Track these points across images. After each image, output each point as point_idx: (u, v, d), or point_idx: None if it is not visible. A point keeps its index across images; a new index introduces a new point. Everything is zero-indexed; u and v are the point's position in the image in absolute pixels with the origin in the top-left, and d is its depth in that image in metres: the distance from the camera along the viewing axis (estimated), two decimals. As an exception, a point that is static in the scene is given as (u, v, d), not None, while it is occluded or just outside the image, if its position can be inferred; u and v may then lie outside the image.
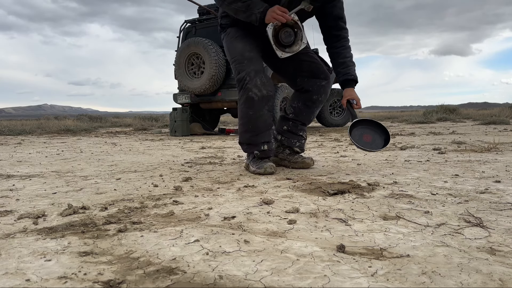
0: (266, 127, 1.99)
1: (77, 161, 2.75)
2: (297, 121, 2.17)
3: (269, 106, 1.97)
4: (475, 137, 4.15)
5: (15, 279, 0.72)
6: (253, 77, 1.90)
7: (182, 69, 5.89)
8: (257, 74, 1.91)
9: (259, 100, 1.91)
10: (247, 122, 1.98)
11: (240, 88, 1.95)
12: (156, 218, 1.14)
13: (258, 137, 1.99)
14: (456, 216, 1.11)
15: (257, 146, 2.00)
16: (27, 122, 9.64)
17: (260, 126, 1.98)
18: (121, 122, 11.22)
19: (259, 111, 1.94)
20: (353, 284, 0.68)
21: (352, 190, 1.49)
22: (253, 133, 1.99)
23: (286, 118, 2.19)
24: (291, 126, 2.18)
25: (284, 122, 2.20)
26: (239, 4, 1.85)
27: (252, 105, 1.92)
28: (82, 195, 1.50)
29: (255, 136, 1.99)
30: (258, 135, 1.99)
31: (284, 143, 2.19)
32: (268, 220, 1.10)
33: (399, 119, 11.09)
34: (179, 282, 0.70)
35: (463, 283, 0.68)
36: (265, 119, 1.97)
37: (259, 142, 1.99)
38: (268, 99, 1.94)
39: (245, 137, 2.03)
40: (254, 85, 1.90)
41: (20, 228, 1.06)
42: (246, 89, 1.91)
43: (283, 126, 2.20)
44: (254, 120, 1.96)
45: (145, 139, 5.31)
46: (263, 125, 1.98)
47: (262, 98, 1.92)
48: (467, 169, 1.97)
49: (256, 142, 2.00)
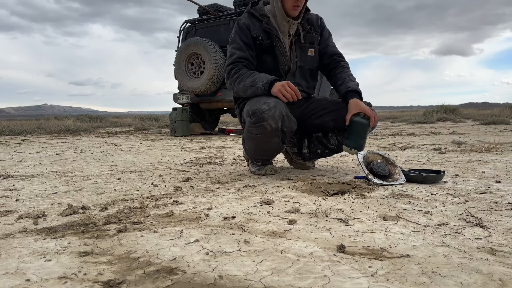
0: (272, 153, 1.92)
1: (77, 161, 2.75)
2: (334, 151, 2.02)
3: (276, 143, 1.79)
4: (475, 137, 4.15)
5: (15, 279, 0.72)
6: (272, 108, 1.70)
7: (182, 69, 5.90)
8: (278, 105, 1.71)
9: (272, 131, 1.72)
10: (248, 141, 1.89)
11: (253, 117, 1.74)
12: (156, 218, 1.14)
13: (258, 156, 1.95)
14: (456, 216, 1.11)
15: (257, 160, 1.99)
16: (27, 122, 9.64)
17: (266, 150, 1.86)
18: (121, 122, 11.22)
19: (269, 139, 1.77)
20: (353, 284, 0.68)
21: (352, 190, 1.49)
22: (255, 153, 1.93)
23: (325, 146, 2.01)
24: (324, 154, 2.05)
25: (321, 147, 2.03)
26: (247, 81, 1.83)
27: (262, 132, 1.74)
28: (82, 195, 1.50)
29: (255, 156, 1.96)
30: (257, 156, 1.95)
31: (303, 156, 2.10)
32: (268, 220, 1.10)
33: (399, 119, 11.09)
34: (179, 282, 0.70)
35: (463, 283, 0.68)
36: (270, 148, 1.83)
37: (258, 160, 1.98)
38: (281, 134, 1.76)
39: (249, 153, 1.97)
40: (272, 116, 1.69)
41: (20, 228, 1.06)
42: (261, 118, 1.70)
43: (317, 149, 2.05)
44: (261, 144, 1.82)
45: (145, 139, 5.31)
46: (268, 150, 1.87)
47: (276, 130, 1.73)
48: (467, 169, 1.97)
49: (255, 159, 1.98)
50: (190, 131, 6.12)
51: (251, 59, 1.90)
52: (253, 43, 1.89)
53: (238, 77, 1.86)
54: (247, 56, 1.89)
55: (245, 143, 1.94)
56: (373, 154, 1.77)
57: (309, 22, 1.97)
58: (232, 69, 1.89)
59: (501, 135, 4.44)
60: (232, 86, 1.90)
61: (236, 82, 1.86)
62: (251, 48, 1.90)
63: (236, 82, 1.86)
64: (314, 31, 1.98)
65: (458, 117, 9.76)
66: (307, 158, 2.13)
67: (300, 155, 2.15)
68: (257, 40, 1.89)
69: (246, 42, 1.89)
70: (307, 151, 2.09)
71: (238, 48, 1.89)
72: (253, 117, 1.74)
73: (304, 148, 2.11)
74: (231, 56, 1.91)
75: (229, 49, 1.95)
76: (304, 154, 2.12)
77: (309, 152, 2.09)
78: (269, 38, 1.89)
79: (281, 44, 1.90)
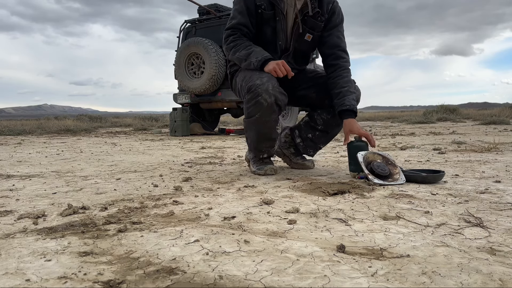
0: (270, 135, 1.91)
1: (77, 161, 2.75)
2: (324, 132, 2.08)
3: (274, 120, 1.85)
4: (475, 137, 4.15)
5: (15, 279, 0.72)
6: (265, 83, 1.77)
7: (182, 69, 5.90)
8: (270, 80, 1.78)
9: (268, 106, 1.78)
10: (249, 128, 1.92)
11: (249, 94, 1.82)
12: (156, 218, 1.14)
13: (260, 148, 1.95)
14: (456, 216, 1.11)
15: (258, 155, 1.98)
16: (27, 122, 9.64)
17: (264, 134, 1.89)
18: (121, 122, 11.22)
19: (267, 117, 1.82)
20: (353, 284, 0.68)
21: (352, 190, 1.49)
22: (256, 143, 1.94)
23: (314, 128, 2.08)
24: (316, 137, 2.09)
25: (311, 131, 2.10)
26: (242, 53, 1.86)
27: (259, 110, 1.80)
28: (82, 195, 1.50)
29: (258, 146, 1.95)
30: (259, 144, 1.94)
31: (300, 148, 2.14)
32: (268, 220, 1.10)
33: (399, 119, 11.09)
34: (179, 282, 0.70)
35: (463, 283, 0.68)
36: (271, 127, 1.87)
37: (261, 151, 1.96)
38: (277, 108, 1.82)
39: (250, 147, 2.01)
40: (265, 90, 1.76)
41: (20, 228, 1.06)
42: (256, 93, 1.77)
43: (308, 134, 2.10)
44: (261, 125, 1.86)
45: (145, 139, 5.31)
46: (267, 136, 1.90)
47: (272, 105, 1.79)
48: (467, 169, 1.97)
49: (257, 151, 1.97)
50: (190, 131, 6.12)
51: (250, 27, 1.91)
52: (255, 11, 1.89)
53: (234, 46, 1.90)
54: (246, 23, 1.90)
55: (248, 136, 1.97)
56: (373, 154, 1.77)
57: (319, 3, 1.92)
58: (230, 35, 1.93)
59: (501, 135, 4.44)
60: (228, 53, 1.95)
61: (232, 51, 1.90)
62: (252, 15, 1.90)
63: (232, 50, 1.91)
64: (320, 15, 1.92)
65: (458, 117, 9.76)
66: (303, 150, 2.14)
67: (298, 154, 2.16)
68: (259, 8, 1.88)
69: (248, 7, 1.89)
70: (300, 140, 2.12)
71: (240, 12, 1.91)
72: (249, 94, 1.81)
73: (297, 138, 2.13)
74: (231, 20, 1.94)
75: (232, 9, 1.97)
76: (299, 146, 2.14)
77: (302, 141, 2.12)
78: (273, 10, 1.88)
79: (284, 21, 1.90)
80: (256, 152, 1.99)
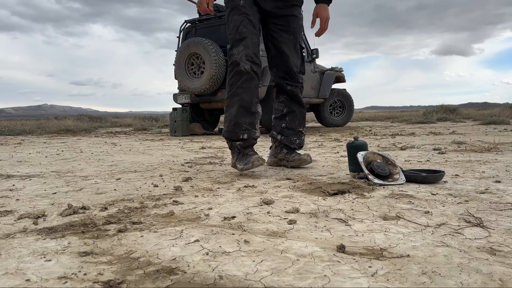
0: (250, 108, 1.92)
1: (77, 161, 2.75)
2: (291, 113, 2.13)
3: (255, 85, 1.92)
4: (475, 137, 4.15)
5: (15, 279, 0.72)
6: (241, 52, 1.87)
7: (182, 69, 5.89)
8: (245, 50, 1.87)
9: (247, 72, 1.87)
10: (230, 104, 1.95)
11: (230, 67, 1.93)
12: (156, 218, 1.14)
13: (240, 122, 1.91)
14: (456, 216, 1.11)
15: (237, 134, 1.92)
16: (27, 122, 9.64)
17: (245, 105, 1.91)
18: (121, 122, 11.22)
19: (248, 83, 1.90)
20: (353, 284, 0.68)
21: (352, 190, 1.49)
22: (236, 117, 1.92)
23: (282, 116, 2.15)
24: (289, 122, 2.14)
25: (281, 120, 2.16)
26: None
27: (240, 78, 1.88)
28: (82, 195, 1.50)
29: (238, 120, 1.91)
30: (240, 118, 1.91)
31: (284, 142, 2.15)
32: (268, 220, 1.10)
33: (399, 119, 11.09)
34: (179, 282, 0.70)
35: (463, 283, 0.68)
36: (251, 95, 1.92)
37: (241, 129, 1.91)
38: (255, 75, 1.90)
39: (228, 125, 1.96)
40: (240, 59, 1.86)
41: (20, 228, 1.06)
42: (235, 63, 1.88)
43: (281, 124, 2.16)
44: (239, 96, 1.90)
45: (145, 139, 5.31)
46: (247, 105, 1.91)
47: (249, 72, 1.88)
48: (467, 169, 1.97)
49: (237, 128, 1.92)
50: (190, 131, 6.12)
51: None
52: None
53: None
54: None
55: (228, 114, 1.96)
56: (373, 154, 1.77)
57: None
58: None
59: (501, 135, 4.44)
60: None
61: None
62: None
63: None
64: None
65: (458, 117, 9.76)
66: (287, 142, 2.14)
67: (290, 151, 2.16)
68: None
69: None
70: (280, 135, 2.16)
71: None
72: (229, 67, 1.92)
73: (277, 136, 2.17)
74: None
75: None
76: (282, 141, 2.15)
77: (281, 134, 2.15)
78: None
79: None
80: (237, 131, 1.92)
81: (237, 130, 1.92)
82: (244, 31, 1.89)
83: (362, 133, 5.61)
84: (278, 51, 2.07)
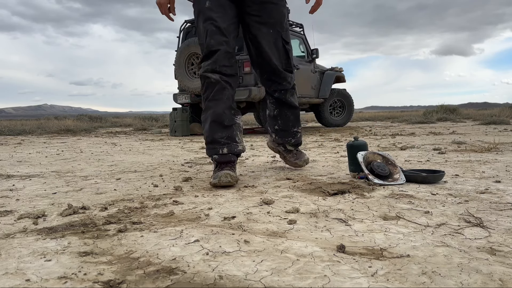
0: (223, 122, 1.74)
1: (77, 161, 2.75)
2: (282, 114, 2.04)
3: (228, 95, 1.75)
4: (475, 137, 4.15)
5: (15, 279, 0.72)
6: (210, 63, 1.73)
7: (182, 69, 5.89)
8: (211, 57, 1.74)
9: (216, 82, 1.73)
10: (204, 119, 1.79)
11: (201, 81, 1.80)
12: (156, 218, 1.14)
13: (215, 138, 1.74)
14: (456, 216, 1.11)
15: (216, 149, 1.73)
16: (27, 122, 9.64)
17: (216, 120, 1.73)
18: (121, 122, 11.22)
19: (219, 94, 1.74)
20: (353, 284, 0.68)
21: (352, 190, 1.49)
22: (211, 133, 1.75)
23: (275, 116, 2.06)
24: (283, 122, 2.06)
25: (274, 121, 2.08)
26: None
27: (211, 90, 1.74)
28: (82, 195, 1.50)
29: (214, 136, 1.74)
30: (215, 134, 1.74)
31: (279, 142, 2.11)
32: (268, 220, 1.10)
33: (399, 119, 11.09)
34: (179, 282, 0.70)
35: (463, 283, 0.68)
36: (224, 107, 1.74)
37: (219, 144, 1.73)
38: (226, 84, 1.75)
39: (206, 142, 1.79)
40: (208, 71, 1.73)
41: (20, 228, 1.06)
42: (204, 76, 1.75)
43: (274, 126, 2.09)
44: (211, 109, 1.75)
45: (145, 139, 5.31)
46: (219, 119, 1.73)
47: (218, 81, 1.73)
48: (467, 169, 1.97)
49: (215, 144, 1.74)
50: (190, 131, 6.12)
51: None
52: None
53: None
54: None
55: (204, 132, 1.80)
56: (373, 154, 1.77)
57: None
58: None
59: (501, 135, 4.44)
60: None
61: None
62: None
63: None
64: None
65: (458, 117, 9.76)
66: (282, 141, 2.10)
67: (287, 151, 2.12)
68: None
69: None
70: (274, 134, 2.11)
71: None
72: (201, 80, 1.79)
73: (272, 134, 2.13)
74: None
75: None
76: (276, 140, 2.11)
77: (275, 133, 2.10)
78: None
79: None
80: (215, 146, 1.74)
81: (215, 145, 1.74)
82: (212, 43, 1.73)
83: (362, 133, 5.61)
84: (258, 50, 1.90)
